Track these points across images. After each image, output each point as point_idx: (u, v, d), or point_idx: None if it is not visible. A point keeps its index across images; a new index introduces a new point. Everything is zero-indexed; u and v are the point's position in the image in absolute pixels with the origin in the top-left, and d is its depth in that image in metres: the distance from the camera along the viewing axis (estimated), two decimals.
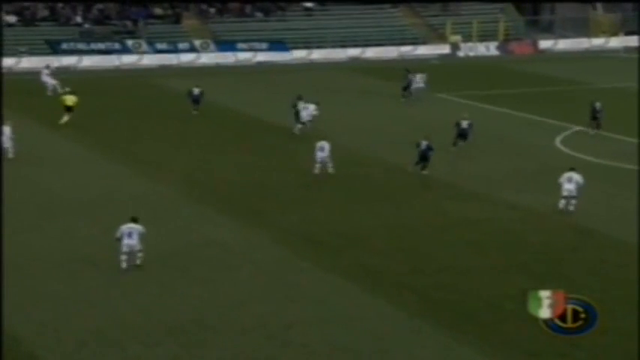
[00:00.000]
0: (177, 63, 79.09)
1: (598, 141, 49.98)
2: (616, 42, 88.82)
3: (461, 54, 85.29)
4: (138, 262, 31.22)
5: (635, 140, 49.04)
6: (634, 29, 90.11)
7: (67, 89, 55.65)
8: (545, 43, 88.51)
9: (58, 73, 67.23)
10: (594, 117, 51.85)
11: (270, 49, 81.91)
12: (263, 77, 73.07)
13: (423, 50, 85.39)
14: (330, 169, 43.18)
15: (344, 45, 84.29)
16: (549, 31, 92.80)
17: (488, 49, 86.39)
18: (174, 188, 40.71)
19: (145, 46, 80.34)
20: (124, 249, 30.96)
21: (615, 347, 25.63)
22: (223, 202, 39.14)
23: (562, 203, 37.94)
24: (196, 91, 57.69)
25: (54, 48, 78.49)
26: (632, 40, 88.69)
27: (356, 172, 44.21)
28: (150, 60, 78.98)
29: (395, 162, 45.96)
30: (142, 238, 31.03)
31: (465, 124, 47.30)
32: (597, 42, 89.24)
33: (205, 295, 29.22)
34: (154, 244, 32.93)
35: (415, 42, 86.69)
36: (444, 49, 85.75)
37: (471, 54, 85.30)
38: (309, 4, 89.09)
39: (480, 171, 44.42)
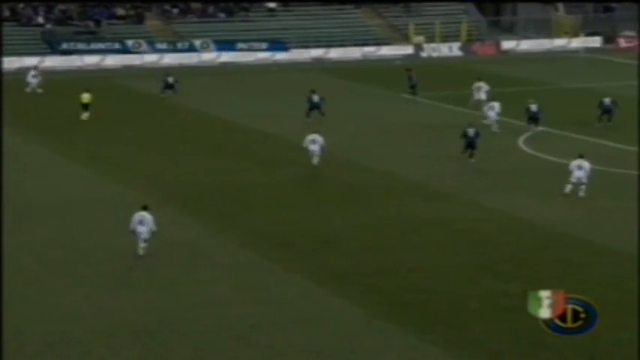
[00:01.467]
0: (140, 63, 78.71)
1: (559, 141, 50.21)
2: (577, 42, 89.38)
3: (424, 55, 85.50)
4: (141, 251, 31.81)
5: (594, 140, 49.27)
6: (595, 30, 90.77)
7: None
8: (507, 44, 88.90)
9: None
10: (605, 112, 52.96)
11: (234, 50, 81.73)
12: (228, 78, 72.90)
13: (387, 51, 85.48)
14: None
15: (307, 46, 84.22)
16: (511, 31, 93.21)
17: (451, 49, 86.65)
18: (140, 190, 40.50)
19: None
20: (139, 236, 31.86)
21: (581, 347, 25.78)
22: (191, 204, 39.04)
23: (568, 188, 39.61)
24: (170, 79, 61.42)
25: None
26: (593, 41, 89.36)
27: (324, 173, 44.22)
28: (114, 60, 78.63)
29: (361, 162, 46.02)
30: (150, 228, 31.78)
31: (471, 132, 46.24)
32: (559, 42, 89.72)
33: (171, 297, 29.16)
34: (119, 246, 32.85)
35: (378, 43, 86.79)
36: (408, 49, 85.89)
37: (435, 55, 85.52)
38: (272, 5, 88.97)
39: (446, 172, 44.53)
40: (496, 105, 53.33)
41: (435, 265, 32.27)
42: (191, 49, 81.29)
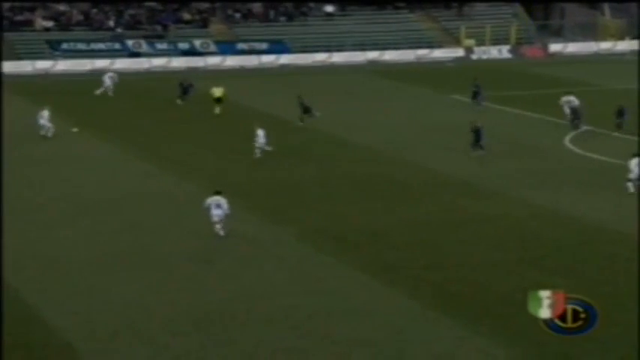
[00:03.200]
0: (203, 65, 79.05)
1: (606, 140, 49.58)
2: (623, 45, 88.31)
3: (474, 57, 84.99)
4: (221, 232, 32.75)
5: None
6: None
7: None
8: (555, 47, 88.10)
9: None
10: (619, 117, 51.50)
11: (291, 52, 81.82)
12: (287, 79, 72.92)
13: (439, 53, 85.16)
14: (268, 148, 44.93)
15: (363, 48, 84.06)
16: (559, 35, 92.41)
17: (500, 52, 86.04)
18: (201, 186, 40.60)
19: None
20: (214, 219, 32.96)
21: (623, 338, 25.45)
22: (248, 200, 39.07)
23: (631, 187, 39.39)
24: (185, 83, 60.83)
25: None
26: (638, 44, 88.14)
27: (375, 171, 44.07)
28: (178, 62, 79.08)
29: (412, 161, 45.81)
30: (225, 212, 32.95)
31: (479, 125, 46.31)
32: (605, 45, 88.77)
33: (230, 288, 29.18)
34: (180, 239, 32.97)
35: (431, 45, 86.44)
36: (459, 52, 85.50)
37: (484, 57, 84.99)
38: (330, 9, 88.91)
39: (494, 170, 44.16)
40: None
41: (484, 259, 32.00)
42: (252, 51, 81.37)
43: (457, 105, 61.90)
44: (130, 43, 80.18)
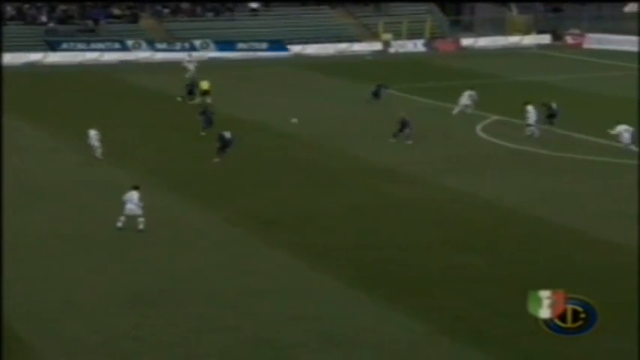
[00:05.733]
0: (134, 59, 78.32)
1: (515, 129, 50.42)
2: (529, 40, 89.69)
3: (392, 51, 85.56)
4: (140, 226, 32.24)
5: (544, 127, 49.48)
6: (544, 28, 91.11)
7: None
8: (466, 41, 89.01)
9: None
10: (550, 116, 50.96)
11: (219, 47, 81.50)
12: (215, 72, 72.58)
13: (358, 47, 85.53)
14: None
15: (288, 42, 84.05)
16: (470, 30, 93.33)
17: (416, 46, 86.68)
18: (138, 174, 40.38)
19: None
20: (125, 212, 32.39)
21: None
22: (182, 186, 39.05)
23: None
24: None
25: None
26: (543, 39, 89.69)
27: (304, 158, 44.31)
28: (110, 57, 78.24)
29: (338, 148, 46.12)
30: (137, 204, 32.29)
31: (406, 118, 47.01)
32: (513, 40, 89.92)
33: (167, 269, 29.27)
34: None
35: (351, 40, 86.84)
36: (377, 46, 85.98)
37: (401, 50, 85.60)
38: (254, 5, 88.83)
39: (414, 157, 44.58)
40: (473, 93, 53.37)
41: (405, 241, 32.43)
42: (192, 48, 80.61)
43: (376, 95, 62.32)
44: (62, 37, 79.13)
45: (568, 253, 31.07)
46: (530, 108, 48.43)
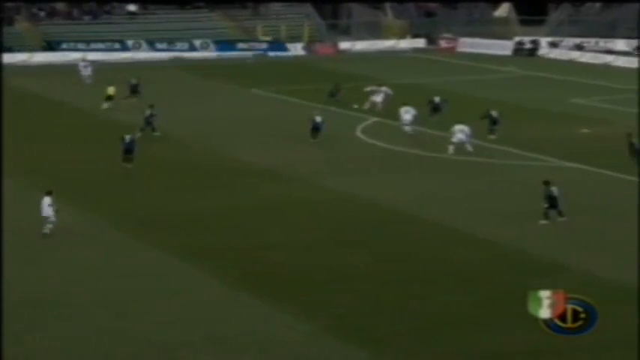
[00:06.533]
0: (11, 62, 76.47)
1: (393, 130, 51.10)
2: (405, 44, 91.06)
3: (271, 54, 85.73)
4: (45, 230, 31.64)
5: (423, 129, 50.32)
6: (419, 33, 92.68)
7: None
8: (344, 44, 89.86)
9: None
10: (435, 109, 52.48)
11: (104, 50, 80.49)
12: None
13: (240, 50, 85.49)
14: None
15: (169, 45, 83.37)
16: (348, 33, 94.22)
17: (295, 49, 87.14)
18: (24, 180, 39.47)
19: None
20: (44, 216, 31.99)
21: (421, 308, 26.41)
22: (63, 191, 38.32)
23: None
24: (134, 80, 57.80)
25: None
26: (418, 42, 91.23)
27: (187, 160, 44.05)
28: None
29: (221, 150, 45.98)
30: (51, 208, 31.71)
31: (318, 119, 47.31)
32: (389, 43, 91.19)
33: (44, 275, 28.73)
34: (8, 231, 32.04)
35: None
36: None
37: (280, 54, 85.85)
38: (132, 8, 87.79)
39: (294, 158, 44.77)
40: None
41: (286, 240, 32.58)
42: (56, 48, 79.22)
43: (257, 98, 62.47)
44: None
45: (445, 250, 31.68)
46: (405, 109, 49.40)
